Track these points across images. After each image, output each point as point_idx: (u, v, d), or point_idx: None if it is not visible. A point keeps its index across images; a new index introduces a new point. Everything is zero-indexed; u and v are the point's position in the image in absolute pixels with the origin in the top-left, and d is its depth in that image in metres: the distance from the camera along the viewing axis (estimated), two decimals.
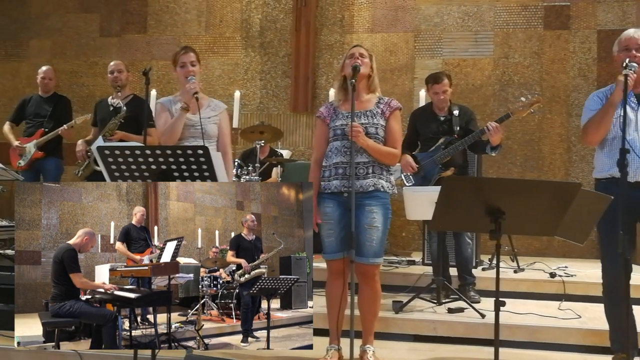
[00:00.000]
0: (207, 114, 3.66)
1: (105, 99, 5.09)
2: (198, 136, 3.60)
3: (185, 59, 3.67)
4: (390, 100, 3.43)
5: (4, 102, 8.28)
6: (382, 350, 3.54)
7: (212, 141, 3.64)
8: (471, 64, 7.34)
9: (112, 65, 5.07)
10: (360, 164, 3.28)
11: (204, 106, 3.69)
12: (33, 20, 8.38)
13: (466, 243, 4.60)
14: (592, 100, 3.37)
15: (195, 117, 3.62)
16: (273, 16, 7.78)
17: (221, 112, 3.76)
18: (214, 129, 3.67)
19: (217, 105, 3.77)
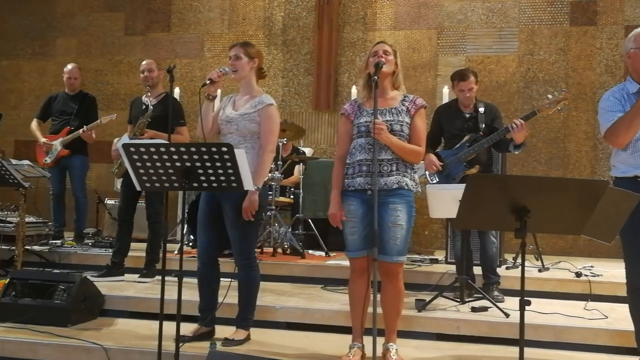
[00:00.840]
0: (246, 110, 3.61)
1: (140, 97, 5.14)
2: (234, 132, 3.59)
3: (230, 52, 3.68)
4: (415, 98, 3.40)
5: (31, 100, 8.42)
6: (404, 349, 3.53)
7: (248, 138, 3.57)
8: (495, 61, 7.27)
9: (143, 65, 5.11)
10: (384, 161, 3.26)
11: (249, 103, 3.64)
12: (59, 19, 8.51)
13: (491, 242, 4.55)
14: (610, 101, 3.29)
15: (232, 113, 3.62)
16: (295, 14, 7.79)
17: (262, 108, 3.60)
18: (248, 126, 3.57)
19: (260, 101, 3.62)
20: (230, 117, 3.61)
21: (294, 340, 3.84)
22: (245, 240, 3.60)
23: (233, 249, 3.61)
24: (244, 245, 3.60)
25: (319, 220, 6.09)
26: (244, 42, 3.78)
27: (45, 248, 5.66)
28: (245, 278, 3.62)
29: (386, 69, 3.30)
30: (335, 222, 3.37)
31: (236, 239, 3.57)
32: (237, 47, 3.69)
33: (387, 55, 3.33)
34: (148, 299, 4.29)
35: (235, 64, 3.65)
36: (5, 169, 4.43)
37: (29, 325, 3.87)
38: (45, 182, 6.17)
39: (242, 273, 3.61)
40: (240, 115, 3.61)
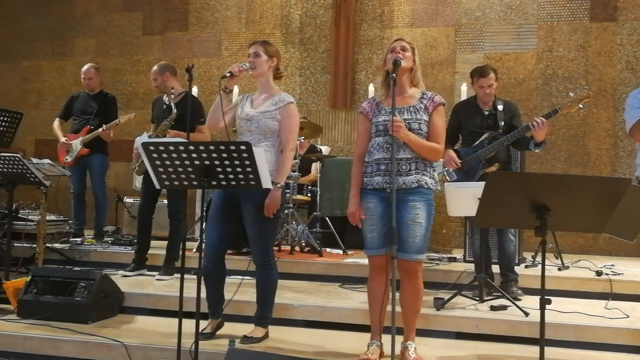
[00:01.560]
0: (267, 108, 3.61)
1: (162, 96, 5.18)
2: (254, 130, 3.59)
3: (250, 50, 3.69)
4: (433, 96, 3.38)
5: (51, 100, 8.52)
6: (423, 347, 3.52)
7: (269, 137, 3.57)
8: (513, 58, 7.21)
9: (151, 74, 5.19)
10: (402, 160, 3.25)
11: (268, 101, 3.64)
12: (78, 20, 8.59)
13: (509, 240, 4.52)
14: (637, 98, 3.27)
15: (252, 111, 3.62)
16: (313, 12, 7.79)
17: (283, 106, 3.61)
18: (270, 124, 3.58)
19: (281, 99, 3.64)
20: (250, 115, 3.61)
21: (312, 338, 3.84)
22: (264, 238, 3.60)
23: (252, 246, 3.62)
24: (263, 243, 3.60)
25: (336, 218, 6.09)
26: (264, 40, 3.79)
27: (65, 246, 5.71)
28: (263, 276, 3.63)
29: (404, 65, 3.28)
30: (355, 220, 3.36)
31: (255, 236, 3.57)
32: (257, 44, 3.70)
33: (405, 52, 3.31)
34: (167, 296, 4.32)
35: (254, 61, 3.65)
36: (26, 167, 4.48)
37: (50, 322, 3.92)
38: (65, 180, 6.23)
39: (260, 271, 3.62)
40: (261, 113, 3.61)
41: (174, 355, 3.13)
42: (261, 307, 3.67)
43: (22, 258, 5.11)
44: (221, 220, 3.60)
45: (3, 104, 7.41)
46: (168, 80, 5.10)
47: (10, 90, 8.69)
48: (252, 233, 3.57)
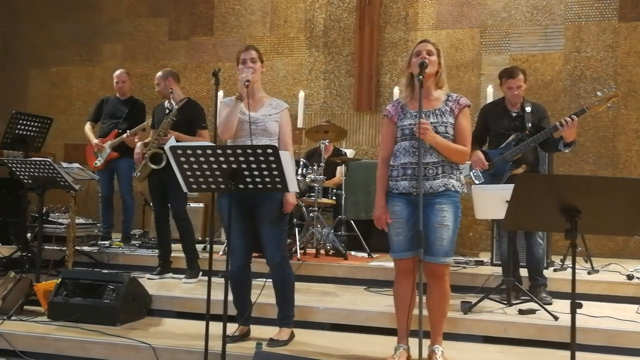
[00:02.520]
0: (268, 111, 3.68)
1: (163, 103, 5.26)
2: (259, 133, 3.62)
3: (245, 55, 3.70)
4: (459, 98, 3.35)
5: (79, 105, 8.66)
6: (450, 351, 3.49)
7: (272, 138, 3.64)
8: (540, 59, 7.13)
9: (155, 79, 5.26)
10: (429, 164, 3.23)
11: (265, 104, 3.70)
12: (105, 25, 8.72)
13: (537, 243, 4.46)
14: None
15: (256, 114, 3.65)
16: (337, 15, 7.80)
17: (282, 110, 3.73)
18: (274, 127, 3.66)
19: (279, 104, 3.77)
20: (255, 118, 3.63)
21: (338, 341, 3.83)
22: (282, 238, 3.67)
23: (270, 248, 3.61)
24: (281, 243, 3.65)
25: (361, 222, 6.08)
26: (255, 46, 3.83)
27: (94, 249, 5.80)
28: (282, 276, 3.65)
29: (429, 70, 3.26)
30: (381, 224, 3.33)
31: (275, 237, 3.60)
32: (252, 50, 3.74)
33: (431, 56, 3.28)
34: (194, 299, 4.35)
35: (254, 66, 3.69)
36: (57, 171, 4.55)
37: (80, 324, 3.97)
38: (94, 184, 6.32)
39: (278, 271, 3.63)
40: (266, 115, 3.66)
41: (201, 358, 3.16)
42: (283, 308, 3.69)
43: (52, 261, 5.18)
44: (244, 228, 3.63)
45: (33, 109, 7.58)
46: (170, 85, 5.18)
47: (40, 96, 8.86)
48: (270, 234, 3.59)
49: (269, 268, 3.65)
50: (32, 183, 4.71)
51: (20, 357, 3.71)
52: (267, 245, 3.61)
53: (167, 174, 4.84)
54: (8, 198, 6.00)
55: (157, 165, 4.94)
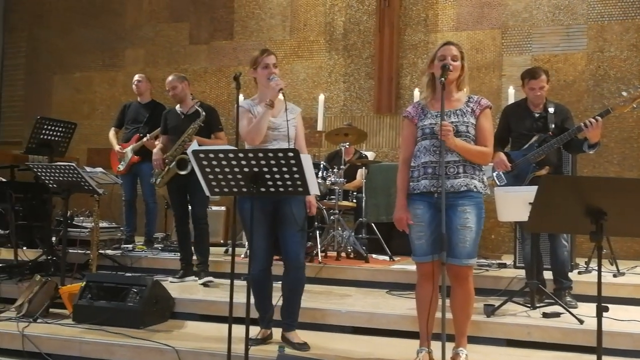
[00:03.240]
0: (288, 116, 3.70)
1: (173, 108, 5.28)
2: (281, 139, 3.65)
3: (268, 60, 3.72)
4: (480, 99, 3.34)
5: (102, 110, 8.77)
6: (474, 354, 3.46)
7: (291, 143, 3.67)
8: (563, 60, 7.05)
9: (167, 84, 5.24)
10: (450, 163, 3.21)
11: (283, 110, 3.70)
12: (128, 31, 8.82)
13: (562, 245, 4.41)
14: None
15: (278, 119, 3.66)
16: (356, 18, 7.80)
17: (297, 114, 3.82)
18: (293, 131, 3.71)
19: (294, 108, 3.82)
20: (277, 124, 3.67)
21: (360, 344, 3.83)
22: (303, 241, 3.70)
23: (291, 251, 3.61)
24: (302, 246, 3.68)
25: (382, 224, 6.07)
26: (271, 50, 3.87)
27: (117, 252, 5.86)
28: (299, 278, 3.67)
29: (452, 76, 3.25)
30: (402, 226, 3.32)
31: (298, 240, 3.61)
32: (273, 55, 3.77)
33: (455, 62, 3.27)
34: (217, 302, 4.37)
35: (276, 72, 3.73)
36: (81, 176, 4.61)
37: (104, 327, 4.01)
38: (117, 188, 6.39)
39: (297, 274, 3.65)
40: (287, 121, 3.67)
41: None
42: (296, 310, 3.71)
43: (76, 264, 5.24)
44: (268, 231, 3.64)
45: (57, 114, 7.69)
46: (186, 88, 5.22)
47: (64, 101, 8.99)
48: (293, 237, 3.59)
49: (286, 270, 3.65)
50: (56, 187, 4.77)
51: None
52: (287, 247, 3.62)
53: (189, 180, 4.89)
54: (33, 202, 6.08)
55: (183, 170, 4.97)
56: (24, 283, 4.76)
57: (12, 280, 4.95)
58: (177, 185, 5.10)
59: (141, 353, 3.71)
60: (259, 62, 3.74)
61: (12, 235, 5.48)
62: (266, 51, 3.80)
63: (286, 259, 3.65)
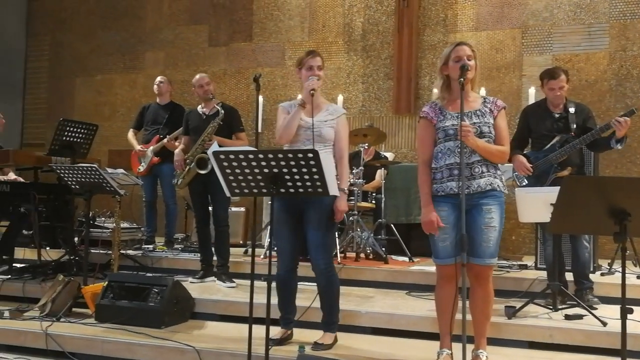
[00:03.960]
0: (324, 117, 3.68)
1: (194, 109, 5.30)
2: (315, 139, 3.62)
3: (312, 62, 3.71)
4: (495, 100, 3.38)
5: (123, 112, 8.86)
6: (495, 356, 3.44)
7: (327, 145, 3.64)
8: (584, 59, 6.98)
9: (198, 80, 5.23)
10: (474, 163, 3.21)
11: (323, 110, 3.70)
12: (148, 34, 8.91)
13: (584, 246, 4.36)
14: None
15: (310, 119, 3.66)
16: (375, 19, 7.79)
17: (339, 116, 3.72)
18: (329, 133, 3.66)
19: (336, 110, 3.76)
20: (310, 123, 3.64)
21: (380, 345, 3.82)
22: (329, 245, 3.66)
23: (315, 253, 3.61)
24: (327, 250, 3.65)
25: (401, 225, 6.05)
26: (319, 53, 3.84)
27: (138, 252, 5.91)
28: (329, 282, 3.65)
29: (470, 75, 3.24)
30: (432, 229, 3.23)
31: (320, 243, 3.60)
32: (318, 56, 3.75)
33: (470, 61, 3.26)
34: (237, 302, 4.39)
35: (320, 74, 3.71)
36: (103, 177, 4.67)
37: (126, 326, 4.05)
38: (138, 189, 6.44)
39: (324, 277, 3.63)
40: (322, 122, 3.66)
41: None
42: (328, 313, 3.69)
43: (98, 264, 5.30)
44: (292, 232, 3.65)
45: (79, 116, 7.79)
46: (213, 89, 5.27)
47: (86, 104, 9.10)
48: (316, 239, 3.59)
49: (314, 273, 3.66)
50: (79, 188, 4.84)
51: (69, 359, 3.81)
52: (312, 250, 3.62)
53: (210, 180, 4.91)
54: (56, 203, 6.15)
55: (203, 170, 5.00)
56: (47, 283, 4.83)
57: (36, 280, 5.02)
58: (198, 187, 5.13)
59: (162, 353, 3.73)
60: (304, 63, 3.75)
61: (35, 236, 5.56)
62: (312, 52, 3.78)
63: (311, 263, 3.67)
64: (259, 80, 3.64)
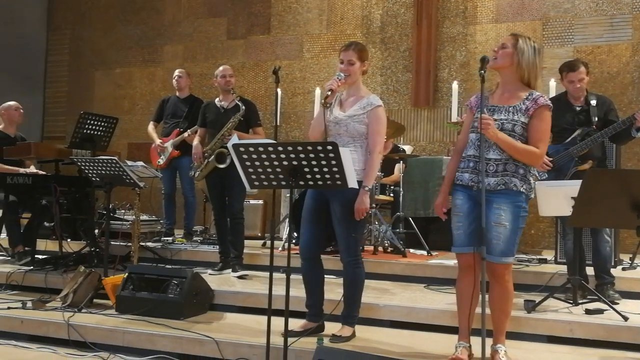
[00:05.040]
0: (354, 112, 3.61)
1: (212, 101, 5.31)
2: (343, 133, 3.60)
3: (344, 56, 3.65)
4: (538, 97, 3.20)
5: (142, 105, 8.92)
6: (514, 350, 3.42)
7: (357, 139, 3.58)
8: (606, 51, 6.88)
9: (222, 70, 5.24)
10: (490, 161, 3.17)
11: (356, 105, 3.64)
12: (167, 27, 8.95)
13: (604, 240, 4.31)
14: None
15: (340, 114, 3.64)
16: (394, 11, 7.75)
17: (371, 109, 3.60)
18: (357, 128, 3.58)
19: (369, 103, 3.61)
20: (339, 119, 3.63)
21: (399, 338, 3.82)
22: (352, 238, 3.61)
23: (340, 246, 3.65)
24: (351, 243, 3.63)
25: (419, 219, 6.03)
26: (357, 43, 3.73)
27: (157, 245, 5.96)
28: (352, 275, 3.65)
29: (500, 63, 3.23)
30: (438, 213, 3.39)
31: (343, 236, 3.59)
32: (350, 51, 3.64)
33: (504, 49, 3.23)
34: (256, 294, 4.41)
35: (349, 69, 3.63)
36: (123, 169, 4.70)
37: (146, 317, 4.09)
38: (157, 182, 6.49)
39: (348, 270, 3.64)
40: (349, 117, 3.61)
41: (263, 352, 3.21)
42: (349, 306, 3.69)
43: (118, 256, 5.35)
44: (314, 220, 3.66)
45: (99, 110, 7.85)
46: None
47: (105, 97, 9.18)
48: (340, 232, 3.59)
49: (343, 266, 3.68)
50: (99, 181, 4.88)
51: (90, 349, 3.86)
52: (339, 243, 3.65)
53: (227, 174, 4.94)
54: (77, 196, 6.23)
55: (222, 164, 5.02)
56: (68, 274, 4.89)
57: (57, 272, 5.09)
58: (216, 180, 5.16)
59: (182, 343, 3.77)
60: (340, 57, 3.69)
61: (57, 228, 5.63)
62: (347, 45, 3.70)
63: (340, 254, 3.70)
64: (278, 72, 3.64)
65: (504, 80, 3.28)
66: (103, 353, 3.79)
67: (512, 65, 3.23)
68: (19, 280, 5.04)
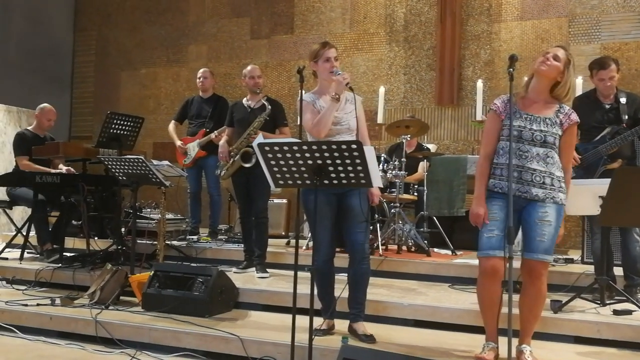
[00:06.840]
0: (348, 108, 3.71)
1: (239, 101, 5.34)
2: (344, 131, 3.66)
3: (329, 54, 3.71)
4: (570, 112, 3.24)
5: (167, 105, 9.01)
6: (540, 351, 3.39)
7: (353, 134, 3.67)
8: (634, 48, 6.77)
9: (250, 71, 5.26)
10: (536, 172, 3.16)
11: (343, 102, 3.72)
12: (191, 27, 9.03)
13: (634, 240, 4.24)
14: None
15: (339, 113, 3.67)
16: (417, 9, 7.71)
17: (358, 103, 3.77)
18: (354, 122, 3.69)
19: (352, 96, 3.78)
20: (338, 117, 3.68)
21: (423, 337, 3.81)
22: (368, 233, 3.68)
23: (356, 242, 3.62)
24: (367, 237, 3.68)
25: (444, 218, 5.99)
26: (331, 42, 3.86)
27: (183, 243, 6.01)
28: (366, 271, 3.68)
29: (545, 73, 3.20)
30: (478, 222, 3.25)
31: (362, 231, 3.62)
32: (334, 48, 3.76)
33: (555, 61, 3.19)
34: (280, 292, 4.43)
35: (337, 65, 3.72)
36: (149, 168, 4.76)
37: (172, 315, 4.14)
38: (182, 181, 6.55)
39: (363, 266, 3.65)
40: (348, 113, 3.69)
41: (287, 350, 3.21)
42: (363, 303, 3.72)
43: (144, 254, 5.41)
44: (330, 223, 3.66)
45: (125, 110, 7.96)
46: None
47: (131, 97, 9.29)
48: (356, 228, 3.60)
49: (351, 262, 3.66)
50: (126, 180, 4.94)
51: (117, 345, 3.91)
52: (352, 239, 3.63)
53: (253, 174, 4.97)
54: (104, 194, 6.32)
55: (247, 163, 5.05)
56: (95, 272, 4.97)
57: (85, 269, 5.17)
58: (241, 179, 5.19)
59: (207, 341, 3.80)
60: (320, 55, 3.73)
61: (84, 226, 5.72)
62: (327, 44, 3.78)
63: (352, 250, 3.66)
64: (302, 72, 3.65)
65: (538, 87, 3.24)
66: (130, 350, 3.84)
67: (554, 79, 3.22)
68: (48, 278, 5.13)
